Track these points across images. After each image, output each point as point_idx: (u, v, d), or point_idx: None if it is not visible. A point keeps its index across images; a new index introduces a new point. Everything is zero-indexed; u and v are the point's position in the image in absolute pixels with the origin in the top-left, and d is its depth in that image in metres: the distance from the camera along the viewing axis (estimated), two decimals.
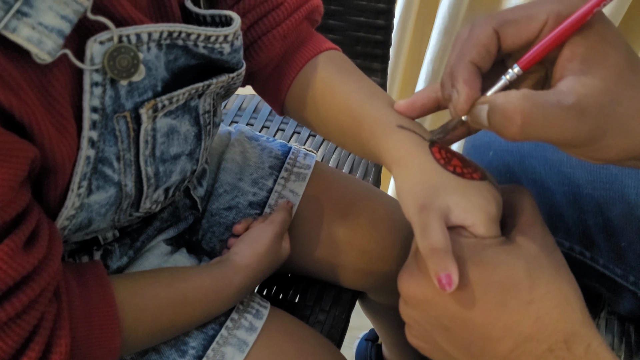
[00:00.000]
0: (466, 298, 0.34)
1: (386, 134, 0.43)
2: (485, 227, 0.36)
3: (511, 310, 0.34)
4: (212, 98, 0.47)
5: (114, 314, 0.42)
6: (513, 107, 0.31)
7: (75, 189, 0.38)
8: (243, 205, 0.63)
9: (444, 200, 0.36)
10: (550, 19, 0.33)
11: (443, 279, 0.33)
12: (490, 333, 0.34)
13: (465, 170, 0.39)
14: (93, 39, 0.34)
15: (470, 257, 0.35)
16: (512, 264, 0.34)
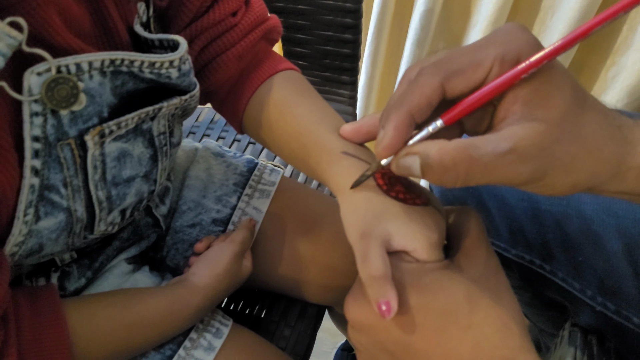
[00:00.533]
0: (407, 323, 0.35)
1: (331, 161, 0.43)
2: (426, 252, 0.36)
3: (450, 335, 0.34)
4: (166, 119, 0.47)
5: (65, 338, 0.42)
6: (451, 159, 0.31)
7: (22, 216, 0.38)
8: (207, 223, 0.63)
9: (385, 227, 0.37)
10: (495, 64, 0.32)
11: (382, 306, 0.33)
12: (430, 358, 0.34)
13: (408, 196, 0.39)
14: (30, 71, 0.34)
15: (411, 282, 0.35)
16: (452, 288, 0.35)
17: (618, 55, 0.96)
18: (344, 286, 0.63)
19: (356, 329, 0.39)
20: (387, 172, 0.41)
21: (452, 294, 0.34)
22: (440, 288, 0.35)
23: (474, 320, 0.34)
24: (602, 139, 0.32)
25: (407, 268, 0.36)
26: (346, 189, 0.40)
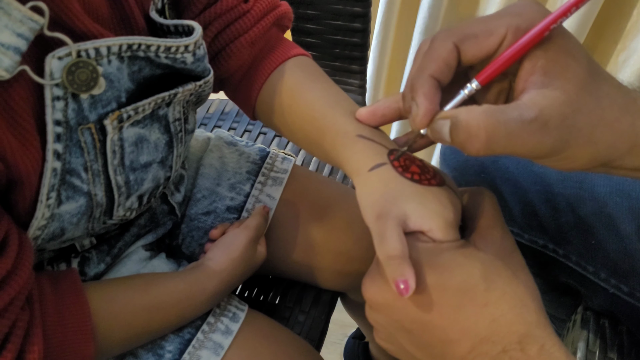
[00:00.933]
0: (424, 302, 0.35)
1: (346, 144, 0.43)
2: (442, 231, 0.37)
3: (467, 312, 0.34)
4: (181, 106, 0.48)
5: (87, 320, 0.42)
6: (477, 124, 0.31)
7: (44, 200, 0.39)
8: (221, 210, 0.64)
9: (401, 207, 0.37)
10: (509, 32, 0.33)
11: (400, 285, 0.34)
12: (448, 335, 0.35)
13: (423, 176, 0.40)
14: (51, 55, 0.34)
15: (427, 262, 0.36)
16: (469, 267, 0.35)
17: (628, 39, 0.96)
18: (358, 271, 0.64)
19: (374, 309, 0.39)
20: (402, 154, 0.42)
21: (469, 272, 0.35)
22: (456, 267, 0.35)
23: (491, 297, 0.34)
24: (619, 110, 0.32)
25: (424, 247, 0.37)
26: (362, 171, 0.41)
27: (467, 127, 0.32)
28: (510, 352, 0.33)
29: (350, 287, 0.70)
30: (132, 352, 0.51)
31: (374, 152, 0.41)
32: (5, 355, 0.37)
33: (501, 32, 0.33)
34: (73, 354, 0.42)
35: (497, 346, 0.33)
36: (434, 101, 0.35)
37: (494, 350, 0.34)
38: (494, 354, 0.34)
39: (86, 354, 0.43)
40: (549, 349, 0.33)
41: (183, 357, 0.50)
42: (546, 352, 0.33)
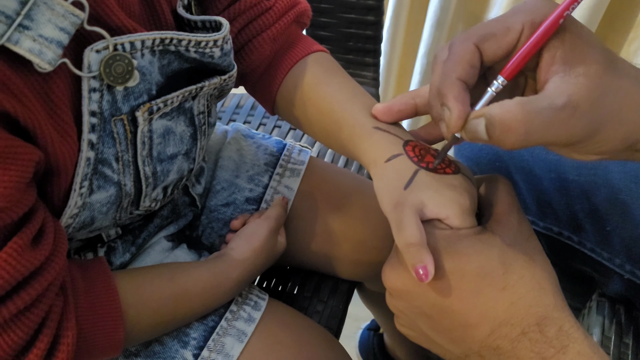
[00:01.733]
0: (443, 287, 0.36)
1: (363, 136, 0.44)
2: (459, 219, 0.38)
3: (486, 296, 0.35)
4: (205, 99, 0.49)
5: (117, 307, 0.44)
6: (513, 117, 0.32)
7: (78, 188, 0.40)
8: (240, 201, 0.65)
9: (418, 196, 0.38)
10: (525, 28, 0.34)
11: (420, 271, 0.35)
12: (467, 319, 0.36)
13: (438, 165, 0.40)
14: (90, 48, 0.36)
15: (445, 248, 0.37)
16: (486, 252, 0.36)
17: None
18: (375, 261, 0.65)
19: (394, 296, 0.40)
20: (418, 145, 0.42)
21: (487, 257, 0.36)
22: (474, 252, 0.36)
23: (509, 281, 0.35)
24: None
25: (441, 234, 0.37)
26: (378, 162, 0.42)
27: (503, 122, 0.32)
28: (529, 333, 0.34)
29: (368, 277, 0.71)
30: (157, 340, 0.52)
31: (390, 143, 0.42)
32: (42, 339, 0.38)
33: (518, 28, 0.34)
34: (103, 339, 0.43)
35: (516, 328, 0.34)
36: (465, 103, 0.35)
37: (513, 333, 0.35)
38: (514, 336, 0.35)
39: (116, 339, 0.44)
40: (567, 330, 0.34)
41: (207, 344, 0.52)
42: (565, 333, 0.34)
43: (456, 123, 0.35)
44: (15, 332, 0.37)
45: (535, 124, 0.32)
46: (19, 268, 0.35)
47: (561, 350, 0.33)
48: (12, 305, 0.35)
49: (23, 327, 0.37)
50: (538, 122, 0.32)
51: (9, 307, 0.35)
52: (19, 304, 0.36)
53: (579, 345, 0.34)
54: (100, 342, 0.43)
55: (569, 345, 0.34)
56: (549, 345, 0.34)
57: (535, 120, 0.32)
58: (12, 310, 0.35)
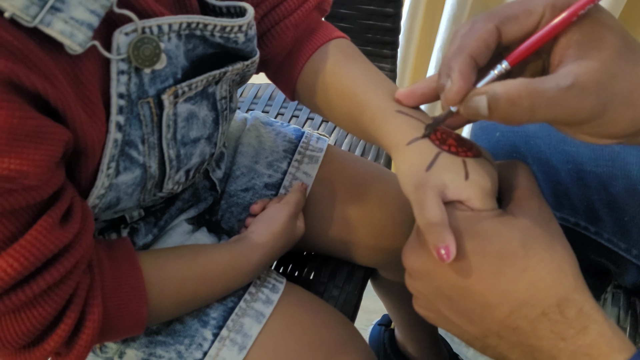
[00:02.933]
0: (464, 268, 0.37)
1: (385, 120, 0.45)
2: (480, 201, 0.38)
3: (507, 278, 0.36)
4: (228, 85, 0.50)
5: (141, 286, 0.45)
6: (517, 93, 0.33)
7: (105, 169, 0.41)
8: (259, 187, 0.66)
9: (440, 177, 0.39)
10: (546, 11, 0.35)
11: (442, 251, 0.36)
12: (487, 300, 0.36)
13: (460, 149, 0.41)
14: (119, 31, 0.37)
15: (467, 229, 0.37)
16: (508, 234, 0.36)
17: None
18: (392, 247, 0.66)
19: (414, 277, 0.41)
20: (439, 128, 0.43)
21: (507, 239, 0.36)
22: (495, 234, 0.37)
23: (529, 263, 0.35)
24: None
25: (463, 216, 0.38)
26: (400, 144, 0.42)
27: (508, 97, 0.33)
28: (550, 314, 0.35)
29: (383, 263, 0.72)
30: (178, 319, 0.53)
31: (412, 126, 0.43)
32: (69, 315, 0.40)
33: (539, 11, 0.35)
34: (128, 316, 0.45)
35: (537, 309, 0.35)
36: (468, 79, 0.36)
37: (533, 313, 0.35)
38: (533, 316, 0.35)
39: (139, 317, 0.45)
40: (587, 312, 0.34)
41: (227, 324, 0.53)
42: (585, 315, 0.34)
43: (453, 97, 0.36)
44: (43, 308, 0.38)
45: (541, 101, 0.32)
46: (49, 245, 0.36)
47: (581, 331, 0.34)
48: (42, 281, 0.37)
49: (51, 302, 0.38)
50: (543, 99, 0.32)
51: (39, 283, 0.37)
52: (48, 280, 0.37)
53: (599, 327, 0.34)
54: (125, 320, 0.45)
55: (589, 326, 0.34)
56: (569, 326, 0.34)
57: (540, 97, 0.32)
58: (42, 286, 0.37)
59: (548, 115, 0.33)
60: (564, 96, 0.32)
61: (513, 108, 0.33)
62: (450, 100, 0.37)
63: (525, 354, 0.37)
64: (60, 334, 0.40)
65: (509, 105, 0.33)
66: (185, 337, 0.52)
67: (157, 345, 0.53)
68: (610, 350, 0.34)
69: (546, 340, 0.35)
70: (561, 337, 0.34)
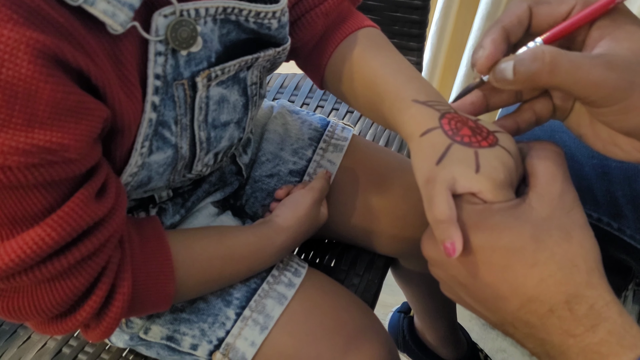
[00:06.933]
0: (474, 261, 0.37)
1: (402, 109, 0.45)
2: (492, 193, 0.37)
3: (516, 272, 0.35)
4: (259, 71, 0.51)
5: (169, 263, 0.47)
6: (540, 49, 0.33)
7: (139, 148, 0.43)
8: (284, 173, 0.67)
9: (450, 171, 0.38)
10: (578, 3, 0.36)
11: (448, 246, 0.36)
12: (498, 292, 0.36)
13: (473, 139, 0.40)
14: (158, 13, 0.38)
15: (476, 223, 0.37)
16: (518, 228, 0.36)
17: None
18: (413, 237, 0.66)
19: (433, 265, 0.42)
20: (455, 117, 0.42)
21: (518, 233, 0.35)
22: (505, 227, 0.36)
23: (540, 258, 0.35)
24: None
25: (473, 209, 0.37)
26: (414, 136, 0.42)
27: (532, 53, 0.34)
28: (558, 311, 0.34)
29: (404, 253, 0.73)
30: (202, 298, 0.55)
31: (426, 116, 0.42)
32: (100, 287, 0.41)
33: (571, 2, 0.36)
34: (156, 292, 0.46)
35: (545, 305, 0.34)
36: (499, 47, 0.37)
37: (541, 309, 0.35)
38: (542, 312, 0.35)
39: (167, 293, 0.47)
40: (599, 309, 0.33)
41: (249, 304, 0.54)
42: (595, 312, 0.33)
43: (484, 62, 0.37)
44: (77, 279, 0.40)
45: (563, 60, 0.33)
46: (85, 217, 0.37)
47: (591, 329, 0.33)
48: (77, 252, 0.38)
49: (84, 274, 0.40)
50: (566, 59, 0.33)
51: (74, 254, 0.38)
52: (83, 252, 0.38)
53: (610, 325, 0.33)
54: (152, 295, 0.46)
55: (599, 324, 0.33)
56: (578, 324, 0.34)
57: (563, 57, 0.33)
58: (77, 257, 0.38)
59: (570, 78, 0.33)
60: (589, 63, 0.32)
61: (536, 61, 0.33)
62: (481, 65, 0.38)
63: (538, 346, 0.37)
64: (91, 305, 0.41)
65: (532, 59, 0.34)
66: (208, 316, 0.54)
67: (181, 323, 0.54)
68: (621, 348, 0.33)
69: (556, 335, 0.35)
70: (570, 334, 0.34)
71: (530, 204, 0.37)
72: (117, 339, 0.57)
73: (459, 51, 1.25)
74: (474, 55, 0.39)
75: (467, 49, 1.18)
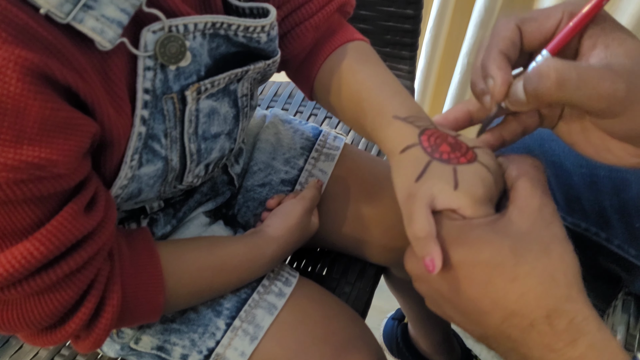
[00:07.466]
0: (454, 277, 0.37)
1: (383, 125, 0.45)
2: (470, 209, 0.38)
3: (496, 287, 0.35)
4: (249, 83, 0.52)
5: (159, 274, 0.47)
6: (547, 66, 0.33)
7: (129, 161, 0.43)
8: (276, 182, 0.68)
9: (429, 187, 0.38)
10: (565, 16, 0.36)
11: (428, 263, 0.36)
12: (480, 307, 0.36)
13: (452, 155, 0.40)
14: (147, 29, 0.38)
15: (456, 239, 0.37)
16: (498, 242, 0.36)
17: None
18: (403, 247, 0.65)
19: (416, 280, 0.42)
20: (434, 133, 0.43)
21: (498, 248, 0.35)
22: (485, 242, 0.36)
23: (520, 272, 0.35)
24: None
25: (453, 225, 0.38)
26: (394, 152, 0.43)
27: (538, 71, 0.34)
28: (538, 326, 0.34)
29: (395, 262, 0.73)
30: (193, 309, 0.55)
31: (406, 133, 0.43)
32: (89, 299, 0.42)
33: (558, 16, 0.37)
34: (145, 303, 0.47)
35: (526, 320, 0.34)
36: (507, 72, 0.37)
37: (522, 323, 0.35)
38: (523, 326, 0.35)
39: (156, 305, 0.47)
40: (579, 323, 0.33)
41: (239, 314, 0.55)
42: (575, 327, 0.33)
43: (500, 89, 0.37)
44: (66, 292, 0.40)
45: (572, 75, 0.33)
46: (73, 231, 0.38)
47: (571, 343, 0.33)
48: (65, 266, 0.38)
49: (73, 287, 0.40)
50: (575, 74, 0.33)
51: (62, 268, 0.38)
52: (72, 265, 0.39)
53: (590, 338, 0.33)
54: (142, 307, 0.46)
55: (579, 338, 0.33)
56: (558, 338, 0.34)
57: (572, 72, 0.33)
58: (65, 270, 0.39)
59: (579, 92, 0.33)
60: (597, 75, 0.33)
61: (542, 80, 0.33)
62: (498, 93, 0.37)
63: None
64: (80, 317, 0.41)
65: (538, 78, 0.34)
66: (199, 326, 0.54)
67: (172, 333, 0.55)
68: None
69: (536, 350, 0.35)
70: (550, 349, 0.34)
71: (510, 218, 0.37)
72: (108, 348, 0.57)
73: (453, 58, 1.25)
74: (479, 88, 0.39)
75: (461, 56, 1.18)
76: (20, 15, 0.31)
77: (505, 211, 0.38)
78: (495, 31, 0.38)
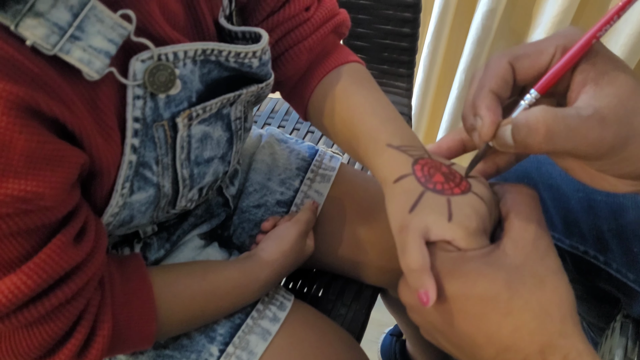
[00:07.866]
0: (448, 310, 0.36)
1: (376, 152, 0.45)
2: (464, 241, 0.37)
3: (490, 321, 0.35)
4: (243, 105, 0.51)
5: (151, 302, 0.46)
6: (535, 119, 0.33)
7: (119, 189, 0.42)
8: (271, 204, 0.67)
9: (423, 219, 0.38)
10: (557, 51, 0.36)
11: (422, 295, 0.35)
12: (474, 340, 0.36)
13: (446, 185, 0.40)
14: (135, 58, 0.38)
15: (451, 271, 0.36)
16: (492, 275, 0.35)
17: None
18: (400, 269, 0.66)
19: (410, 310, 0.41)
20: (428, 163, 0.42)
21: (492, 281, 0.35)
22: (479, 276, 0.35)
23: (513, 306, 0.34)
24: None
25: (447, 257, 0.37)
26: (388, 182, 0.42)
27: (526, 124, 0.33)
28: None
29: (392, 284, 0.72)
30: (186, 334, 0.54)
31: (399, 162, 0.42)
32: (80, 330, 0.41)
33: (550, 51, 0.36)
34: (137, 332, 0.46)
35: (519, 355, 0.34)
36: (496, 113, 0.37)
37: (516, 359, 0.34)
38: None
39: (148, 333, 0.46)
40: (573, 359, 0.33)
41: (233, 340, 0.54)
42: None
43: (487, 131, 0.37)
44: (55, 324, 0.39)
45: (560, 127, 0.32)
46: (62, 263, 0.37)
47: None
48: (54, 298, 0.38)
49: (63, 318, 0.40)
50: (563, 125, 0.32)
51: (51, 300, 0.38)
52: (60, 297, 0.38)
53: None
54: (134, 335, 0.46)
55: None
56: None
57: (560, 124, 0.32)
58: (54, 302, 0.38)
59: (568, 144, 0.33)
60: (585, 125, 0.32)
61: (531, 134, 0.33)
62: (484, 135, 0.37)
63: None
64: (70, 349, 0.41)
65: (527, 131, 0.33)
66: (192, 352, 0.53)
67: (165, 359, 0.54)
68: None
69: None
70: None
71: (504, 250, 0.37)
72: None
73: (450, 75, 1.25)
74: (468, 123, 0.38)
75: (459, 72, 1.18)
76: (6, 48, 0.31)
77: (499, 242, 0.38)
78: (488, 68, 0.37)
